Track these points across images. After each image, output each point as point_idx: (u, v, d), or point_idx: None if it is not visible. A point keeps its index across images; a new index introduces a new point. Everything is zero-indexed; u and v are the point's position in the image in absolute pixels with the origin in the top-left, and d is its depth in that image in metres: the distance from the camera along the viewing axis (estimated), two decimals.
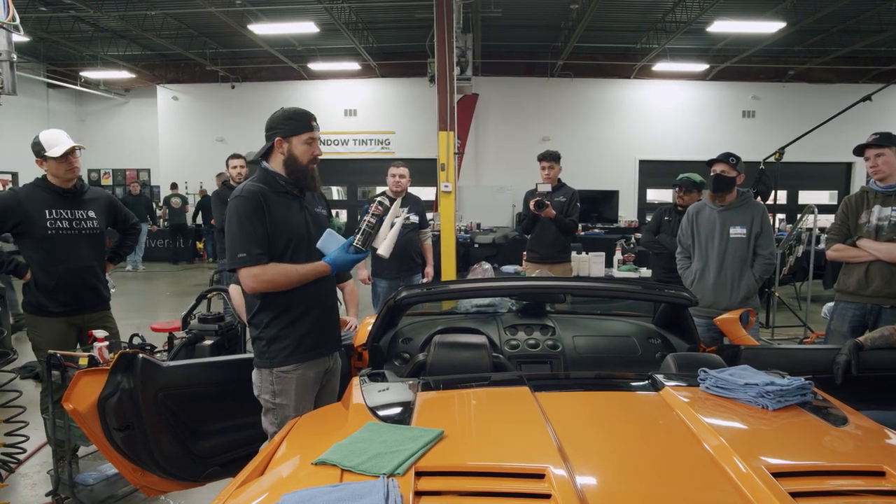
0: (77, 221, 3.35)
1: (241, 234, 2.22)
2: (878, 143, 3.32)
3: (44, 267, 3.29)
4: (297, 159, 2.32)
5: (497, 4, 10.69)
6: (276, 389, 2.31)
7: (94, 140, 15.46)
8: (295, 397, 2.32)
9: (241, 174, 5.40)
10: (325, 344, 2.44)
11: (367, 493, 1.14)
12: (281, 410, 2.31)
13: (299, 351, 2.33)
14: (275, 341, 2.31)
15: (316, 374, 2.40)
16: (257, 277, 2.22)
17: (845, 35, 11.88)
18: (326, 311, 2.44)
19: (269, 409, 2.33)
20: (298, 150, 2.32)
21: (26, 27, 10.69)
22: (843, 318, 3.50)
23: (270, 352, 2.32)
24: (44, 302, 3.32)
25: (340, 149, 14.84)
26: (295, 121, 2.32)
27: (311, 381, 2.38)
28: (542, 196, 5.12)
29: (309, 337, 2.35)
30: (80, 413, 2.25)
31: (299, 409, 2.30)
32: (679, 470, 1.32)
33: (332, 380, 2.52)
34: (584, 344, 2.96)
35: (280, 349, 2.31)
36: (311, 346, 2.36)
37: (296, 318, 2.32)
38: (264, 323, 2.32)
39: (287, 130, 2.32)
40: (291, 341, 2.31)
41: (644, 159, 14.52)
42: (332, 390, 2.51)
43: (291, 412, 2.28)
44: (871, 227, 3.37)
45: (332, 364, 2.49)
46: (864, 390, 2.45)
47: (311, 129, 2.34)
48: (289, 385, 2.31)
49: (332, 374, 2.51)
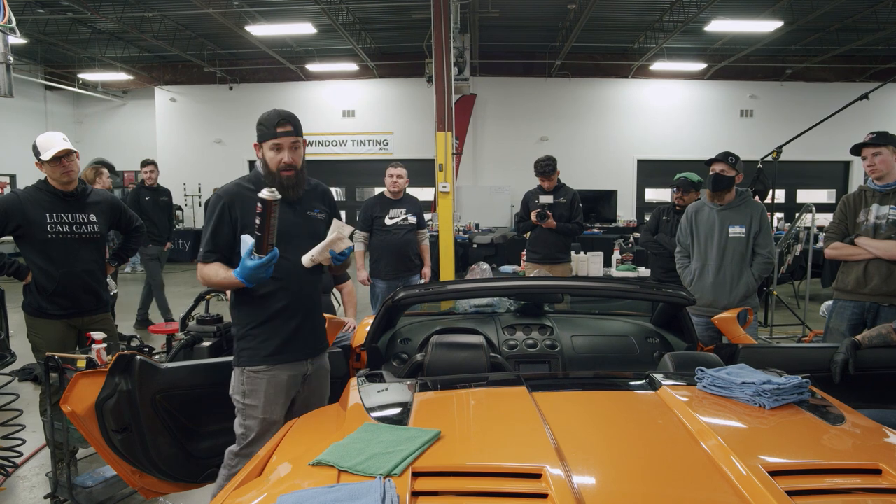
0: (77, 225, 3.34)
1: (204, 230, 2.30)
2: (875, 142, 3.32)
3: (44, 270, 3.29)
4: (267, 165, 2.28)
5: (495, 5, 10.69)
6: (246, 390, 2.28)
7: (91, 142, 15.46)
8: (264, 399, 2.27)
9: None
10: (302, 348, 2.36)
11: (364, 493, 1.15)
12: (250, 412, 2.27)
13: (269, 352, 2.28)
14: (244, 340, 2.30)
15: (291, 377, 2.33)
16: (199, 272, 2.29)
17: (843, 34, 11.89)
18: (304, 314, 2.37)
19: (240, 409, 2.30)
20: (267, 156, 2.27)
21: (23, 29, 10.69)
22: (842, 317, 3.50)
23: (242, 351, 2.30)
24: (44, 304, 3.32)
25: (339, 150, 14.84)
26: (263, 126, 2.27)
27: (285, 384, 2.32)
28: (542, 207, 5.14)
29: (280, 339, 2.30)
30: (78, 415, 2.25)
31: (268, 411, 2.27)
32: (676, 469, 1.32)
33: (319, 384, 2.46)
34: (582, 344, 2.96)
35: (250, 349, 2.29)
36: (283, 349, 2.30)
37: (266, 319, 2.29)
38: (236, 320, 2.34)
39: (259, 136, 2.30)
40: (261, 342, 2.28)
41: (642, 159, 14.52)
42: (321, 395, 2.46)
43: (259, 414, 2.26)
44: (870, 226, 3.38)
45: (312, 369, 2.41)
46: (861, 389, 2.46)
47: (275, 136, 2.23)
48: (259, 386, 2.27)
49: (315, 377, 2.43)
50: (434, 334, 2.54)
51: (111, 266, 3.70)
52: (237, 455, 2.30)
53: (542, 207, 5.14)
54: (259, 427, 2.27)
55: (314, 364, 2.43)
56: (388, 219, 4.99)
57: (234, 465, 2.30)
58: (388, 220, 4.99)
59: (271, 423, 2.28)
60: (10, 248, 7.76)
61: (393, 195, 5.03)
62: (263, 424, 2.28)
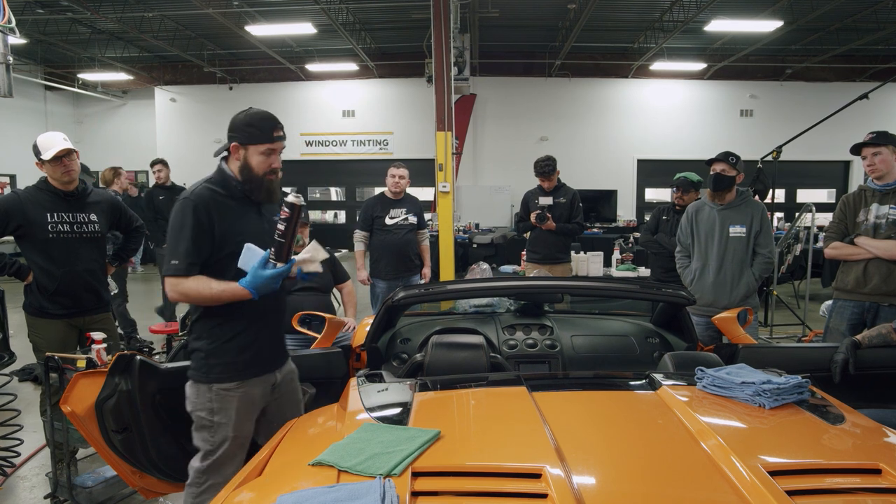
0: (78, 225, 3.35)
1: (176, 240, 2.05)
2: (875, 141, 3.31)
3: (45, 270, 3.29)
4: (252, 169, 2.14)
5: (494, 4, 10.69)
6: (214, 407, 2.13)
7: (91, 142, 15.46)
8: (236, 416, 2.15)
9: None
10: (272, 360, 2.28)
11: (364, 493, 1.15)
12: (220, 429, 2.14)
13: (243, 367, 2.16)
14: (213, 355, 2.13)
15: (262, 391, 2.23)
16: (174, 288, 2.05)
17: (842, 33, 11.89)
18: (275, 323, 2.27)
19: (206, 426, 2.15)
20: (254, 160, 2.13)
21: (23, 29, 10.69)
22: (842, 316, 3.50)
23: (209, 366, 2.13)
24: (45, 304, 3.32)
25: (339, 150, 14.84)
26: (255, 128, 2.12)
27: (258, 398, 2.22)
28: (542, 209, 5.14)
29: (253, 351, 2.18)
30: (78, 415, 2.25)
31: (238, 428, 2.16)
32: (676, 469, 1.32)
33: (290, 388, 2.36)
34: (582, 343, 2.96)
35: (222, 364, 2.13)
36: (256, 362, 2.19)
37: (241, 331, 2.15)
38: (204, 333, 2.15)
39: (245, 137, 2.13)
40: (233, 357, 2.14)
41: (642, 158, 14.52)
42: (294, 399, 2.36)
43: (231, 431, 2.14)
44: (870, 226, 3.37)
45: (281, 377, 2.31)
46: (861, 388, 2.46)
47: (272, 141, 2.13)
48: (229, 403, 2.14)
49: (285, 383, 2.33)
50: (434, 334, 2.54)
51: (111, 266, 3.71)
52: (205, 473, 2.17)
53: (541, 209, 5.14)
54: (230, 445, 2.16)
55: (282, 371, 2.33)
56: (388, 219, 4.99)
57: (202, 482, 2.17)
58: (389, 220, 4.99)
59: (243, 440, 2.20)
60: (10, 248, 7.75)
61: (394, 195, 5.03)
62: (235, 442, 2.17)
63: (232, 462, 2.18)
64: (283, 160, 2.27)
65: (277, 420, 2.18)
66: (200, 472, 2.17)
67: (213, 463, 2.16)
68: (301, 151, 14.64)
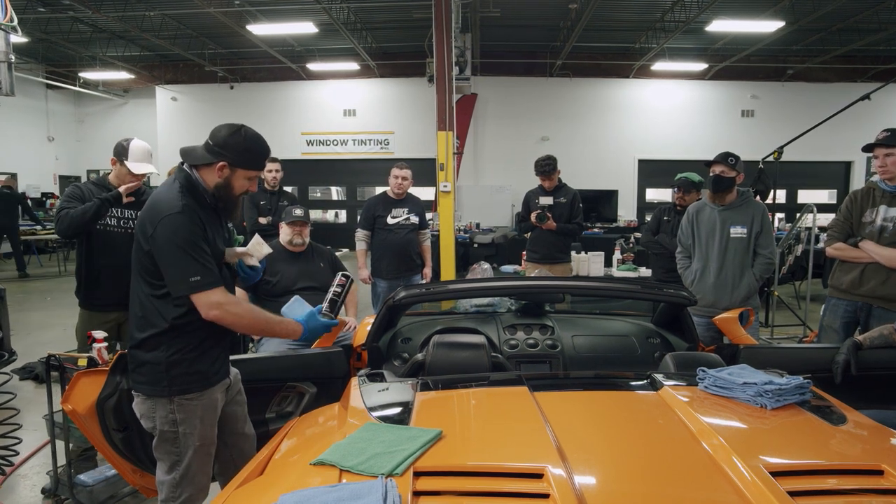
0: (125, 220, 3.42)
1: (184, 255, 1.96)
2: (887, 141, 3.22)
3: (88, 260, 3.37)
4: (231, 189, 2.12)
5: (496, 4, 10.68)
6: (178, 418, 2.08)
7: (92, 140, 15.50)
8: (200, 424, 2.11)
9: (276, 178, 5.15)
10: (227, 362, 2.27)
11: (366, 493, 1.15)
12: (185, 440, 2.10)
13: (206, 374, 2.12)
14: (176, 366, 2.05)
15: (222, 394, 2.21)
16: (224, 307, 2.00)
17: (844, 34, 11.88)
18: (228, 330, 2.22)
19: (170, 438, 2.10)
20: (238, 183, 2.12)
21: (24, 28, 10.69)
22: (835, 314, 3.50)
23: (171, 377, 2.05)
24: (89, 296, 3.41)
25: (340, 149, 14.85)
26: (253, 155, 2.12)
27: (219, 403, 2.20)
28: (542, 209, 5.14)
29: (213, 357, 2.15)
30: (79, 414, 2.25)
31: (204, 436, 2.13)
32: (677, 469, 1.32)
33: (237, 388, 2.33)
34: (583, 343, 2.96)
35: (184, 374, 2.06)
36: (217, 368, 2.17)
37: (204, 338, 2.10)
38: (172, 346, 2.05)
39: (239, 161, 2.08)
40: (204, 366, 2.11)
41: (643, 159, 14.52)
42: (241, 400, 2.35)
43: (197, 441, 2.11)
44: (876, 228, 3.32)
45: (232, 379, 2.29)
46: (862, 389, 2.45)
47: (261, 168, 2.21)
48: (193, 413, 2.09)
49: (235, 383, 2.32)
50: (435, 334, 2.54)
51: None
52: (179, 486, 2.12)
53: (541, 209, 5.14)
54: (197, 453, 2.13)
55: (231, 371, 2.32)
56: (390, 218, 5.00)
57: (178, 496, 2.12)
58: (391, 220, 4.99)
59: (209, 447, 2.17)
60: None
61: (396, 195, 5.04)
62: (202, 451, 2.14)
63: (203, 471, 2.17)
64: (284, 159, 2.30)
65: (232, 421, 2.26)
66: (174, 486, 2.13)
67: (183, 474, 2.13)
68: (302, 151, 14.65)
